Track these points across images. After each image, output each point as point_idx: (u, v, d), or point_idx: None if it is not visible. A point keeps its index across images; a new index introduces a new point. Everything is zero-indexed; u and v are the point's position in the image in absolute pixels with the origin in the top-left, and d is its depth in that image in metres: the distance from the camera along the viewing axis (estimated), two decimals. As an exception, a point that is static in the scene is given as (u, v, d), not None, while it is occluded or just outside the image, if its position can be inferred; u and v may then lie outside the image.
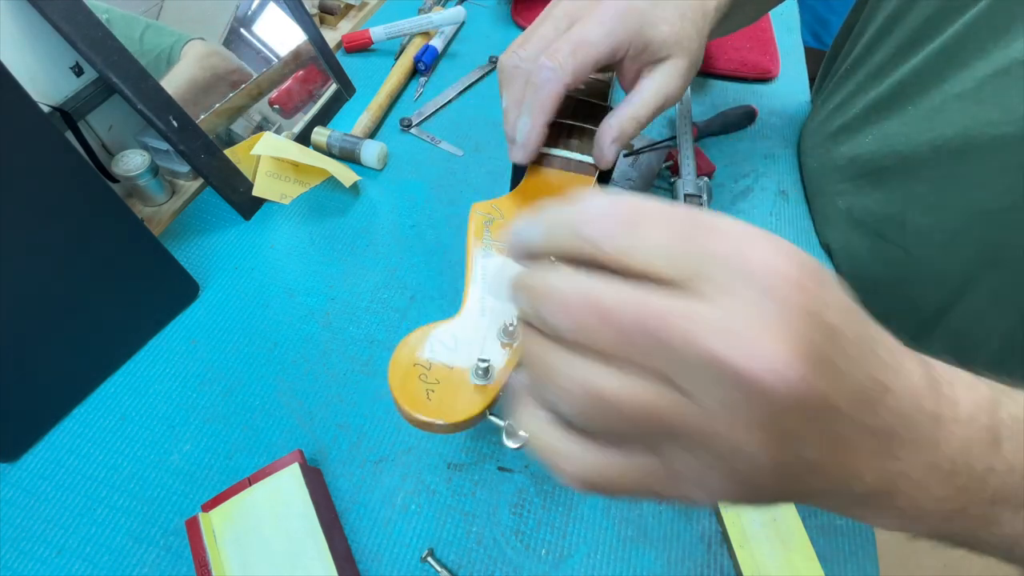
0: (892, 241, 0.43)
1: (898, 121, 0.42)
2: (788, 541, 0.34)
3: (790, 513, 0.35)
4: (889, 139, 0.43)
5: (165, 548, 0.32)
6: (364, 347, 0.41)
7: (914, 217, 0.41)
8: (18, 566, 0.31)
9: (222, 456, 0.36)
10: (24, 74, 0.38)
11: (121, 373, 0.39)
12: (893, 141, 0.42)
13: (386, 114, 0.59)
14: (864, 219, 0.46)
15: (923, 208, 0.41)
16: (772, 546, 0.34)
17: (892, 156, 0.42)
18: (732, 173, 0.57)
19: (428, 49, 0.63)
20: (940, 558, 1.00)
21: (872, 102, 0.45)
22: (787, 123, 0.63)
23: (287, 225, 0.48)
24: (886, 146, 0.43)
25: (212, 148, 0.45)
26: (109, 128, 0.46)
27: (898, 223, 0.43)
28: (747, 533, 0.34)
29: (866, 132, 0.45)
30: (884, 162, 0.43)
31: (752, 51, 0.71)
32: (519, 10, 0.74)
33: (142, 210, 0.47)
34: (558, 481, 0.19)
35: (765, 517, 0.35)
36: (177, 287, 0.42)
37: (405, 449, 0.37)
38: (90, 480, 0.34)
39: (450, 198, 0.52)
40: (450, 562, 0.33)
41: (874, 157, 0.44)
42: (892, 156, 0.42)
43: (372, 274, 0.46)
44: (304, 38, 0.55)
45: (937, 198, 0.39)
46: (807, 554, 0.34)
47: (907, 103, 0.41)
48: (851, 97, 0.49)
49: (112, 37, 0.39)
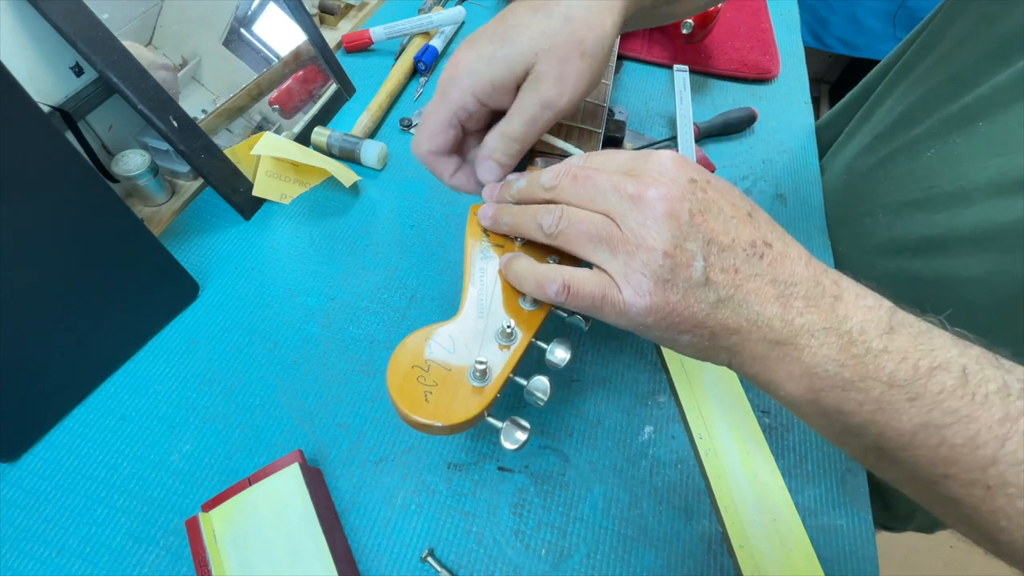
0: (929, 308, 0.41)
1: (965, 142, 0.39)
2: (787, 540, 0.34)
3: (790, 513, 0.35)
4: (953, 161, 0.40)
5: (165, 548, 0.32)
6: (364, 347, 0.41)
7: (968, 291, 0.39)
8: (18, 566, 0.31)
9: (222, 456, 0.36)
10: (24, 74, 0.39)
11: (121, 373, 0.39)
12: (957, 168, 0.39)
13: (386, 114, 0.59)
14: (904, 268, 0.43)
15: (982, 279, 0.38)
16: (772, 545, 0.34)
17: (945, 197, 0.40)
18: (731, 175, 0.57)
19: (428, 49, 0.63)
20: (940, 558, 1.00)
21: (943, 118, 0.41)
22: (786, 127, 0.63)
23: (287, 225, 0.48)
24: (949, 173, 0.40)
25: (212, 148, 0.45)
26: (109, 128, 0.46)
27: (947, 292, 0.40)
28: (747, 533, 0.34)
29: (926, 149, 0.42)
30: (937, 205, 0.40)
31: (752, 51, 0.71)
32: (519, 10, 0.74)
33: (142, 210, 0.47)
34: (548, 293, 0.27)
35: (765, 517, 0.35)
36: (177, 287, 0.42)
37: (405, 449, 0.37)
38: (90, 480, 0.34)
39: (450, 198, 0.52)
40: (450, 562, 0.33)
41: (928, 190, 0.41)
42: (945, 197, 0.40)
43: (372, 274, 0.46)
44: (304, 38, 0.55)
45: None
46: (807, 553, 0.34)
47: (979, 120, 0.38)
48: (909, 115, 0.45)
49: (112, 37, 0.39)
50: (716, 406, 0.39)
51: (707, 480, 0.36)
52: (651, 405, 0.40)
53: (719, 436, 0.38)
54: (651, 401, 0.40)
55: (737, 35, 0.74)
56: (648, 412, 0.40)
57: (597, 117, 0.39)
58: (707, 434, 0.38)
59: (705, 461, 0.37)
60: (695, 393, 0.39)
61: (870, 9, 1.59)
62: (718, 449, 0.37)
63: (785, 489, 0.36)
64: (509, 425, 0.25)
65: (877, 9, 1.59)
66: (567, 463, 0.37)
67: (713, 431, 0.38)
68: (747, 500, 0.36)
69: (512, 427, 0.25)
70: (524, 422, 0.25)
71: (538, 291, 0.27)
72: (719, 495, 0.36)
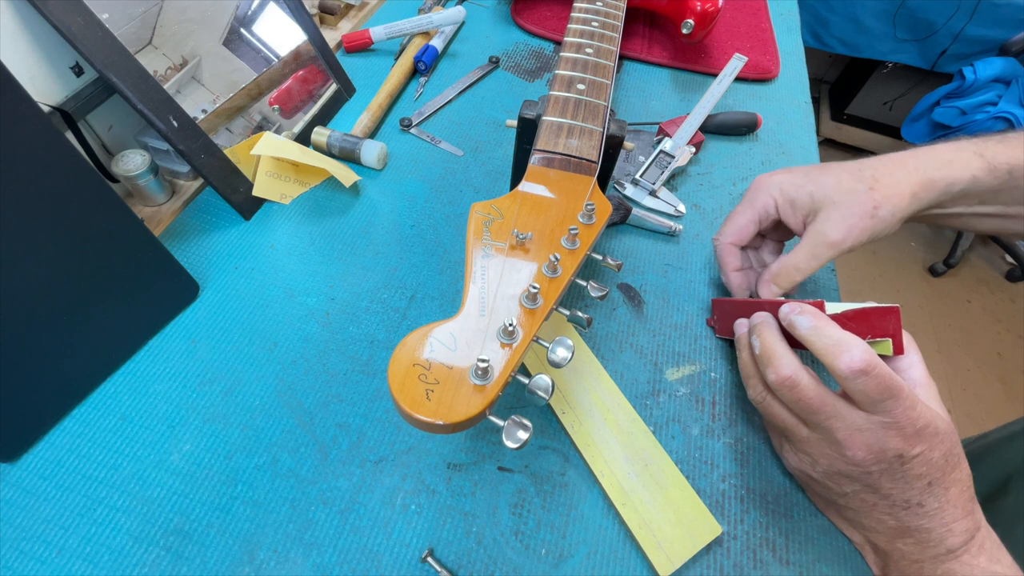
0: None
1: None
2: (662, 481, 0.36)
3: (659, 454, 0.37)
4: None
5: (165, 548, 0.32)
6: (364, 347, 0.41)
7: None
8: (18, 566, 0.31)
9: (222, 456, 0.36)
10: (24, 74, 0.38)
11: (121, 373, 0.39)
12: None
13: (386, 114, 0.59)
14: None
15: None
16: (650, 492, 0.35)
17: None
18: (731, 175, 0.57)
19: (428, 49, 0.63)
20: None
21: None
22: (786, 127, 0.63)
23: (287, 225, 0.48)
24: None
25: (212, 148, 0.45)
26: (109, 128, 0.46)
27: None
28: (625, 489, 0.35)
29: None
30: None
31: (752, 51, 0.71)
32: (519, 10, 0.74)
33: (142, 210, 0.47)
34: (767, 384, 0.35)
35: (638, 466, 0.36)
36: (177, 287, 0.42)
37: (405, 449, 0.37)
38: (90, 480, 0.34)
39: (450, 198, 0.52)
40: (450, 562, 0.33)
41: None
42: None
43: (372, 274, 0.46)
44: (304, 38, 0.55)
45: None
46: (681, 486, 0.36)
47: None
48: None
49: (112, 37, 0.39)
50: (570, 376, 0.40)
51: (580, 453, 0.37)
52: (651, 405, 0.40)
53: (579, 404, 0.38)
54: (651, 401, 0.40)
55: (737, 35, 0.74)
56: (648, 412, 0.40)
57: (599, 116, 0.39)
58: (568, 408, 0.38)
59: (574, 436, 0.37)
60: (545, 367, 0.39)
61: (870, 9, 1.59)
62: (581, 418, 0.38)
63: (648, 432, 0.38)
64: (510, 424, 0.25)
65: (877, 9, 1.59)
66: (567, 463, 0.37)
67: (572, 401, 0.39)
68: (617, 456, 0.36)
69: (513, 426, 0.25)
70: (526, 421, 0.25)
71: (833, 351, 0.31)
72: (593, 463, 0.36)
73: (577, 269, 0.30)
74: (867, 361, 0.29)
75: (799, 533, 0.36)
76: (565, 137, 0.37)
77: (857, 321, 0.32)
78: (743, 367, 0.37)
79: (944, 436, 0.29)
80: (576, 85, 0.41)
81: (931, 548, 0.30)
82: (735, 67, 0.52)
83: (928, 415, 0.29)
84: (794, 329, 0.33)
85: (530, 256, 0.30)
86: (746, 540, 0.35)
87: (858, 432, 0.30)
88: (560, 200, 0.33)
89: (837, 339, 0.30)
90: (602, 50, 0.45)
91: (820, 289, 0.49)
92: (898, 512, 0.31)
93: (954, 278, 1.76)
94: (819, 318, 0.32)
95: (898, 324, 0.32)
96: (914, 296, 1.71)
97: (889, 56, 1.67)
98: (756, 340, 0.35)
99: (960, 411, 1.44)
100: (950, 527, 0.30)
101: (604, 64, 0.44)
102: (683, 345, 0.44)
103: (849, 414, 0.30)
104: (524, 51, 0.69)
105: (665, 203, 0.53)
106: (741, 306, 0.40)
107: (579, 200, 0.33)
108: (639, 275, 0.48)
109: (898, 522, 0.31)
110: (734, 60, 0.52)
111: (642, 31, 0.74)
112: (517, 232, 0.30)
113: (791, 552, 0.35)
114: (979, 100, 1.46)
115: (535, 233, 0.31)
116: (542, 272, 0.29)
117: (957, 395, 1.48)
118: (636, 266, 0.49)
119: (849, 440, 0.30)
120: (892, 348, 0.33)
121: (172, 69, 0.45)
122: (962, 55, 1.55)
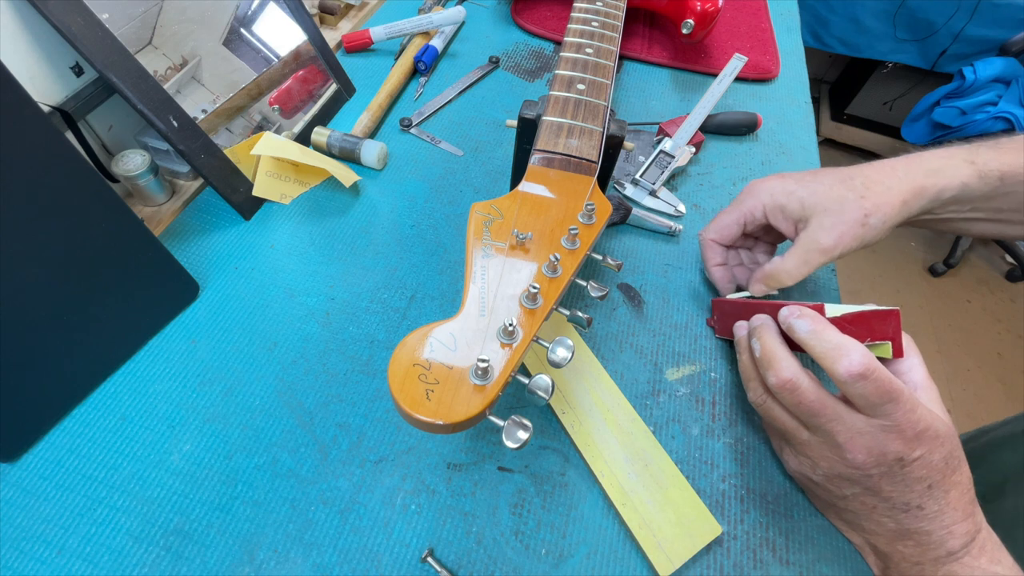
0: None
1: None
2: (662, 481, 0.36)
3: (659, 455, 0.37)
4: None
5: (165, 548, 0.32)
6: (364, 347, 0.41)
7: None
8: (18, 566, 0.31)
9: (222, 456, 0.36)
10: (24, 74, 0.38)
11: (121, 373, 0.39)
12: None
13: (386, 114, 0.59)
14: None
15: None
16: (650, 492, 0.35)
17: None
18: (731, 175, 0.57)
19: (428, 49, 0.63)
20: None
21: None
22: (786, 127, 0.63)
23: (287, 225, 0.48)
24: None
25: (212, 148, 0.45)
26: (109, 128, 0.46)
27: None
28: (625, 489, 0.35)
29: None
30: None
31: (752, 51, 0.71)
32: (519, 10, 0.74)
33: (142, 210, 0.47)
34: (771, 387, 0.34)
35: (638, 466, 0.36)
36: (177, 287, 0.42)
37: (405, 449, 0.37)
38: (90, 480, 0.34)
39: (450, 198, 0.52)
40: (450, 562, 0.33)
41: None
42: None
43: (372, 274, 0.46)
44: (304, 38, 0.55)
45: None
46: (681, 486, 0.35)
47: None
48: None
49: (112, 37, 0.39)
50: (570, 376, 0.40)
51: (580, 453, 0.37)
52: (651, 405, 0.40)
53: (579, 404, 0.38)
54: (651, 401, 0.40)
55: (737, 35, 0.74)
56: (648, 412, 0.40)
57: (599, 116, 0.39)
58: (568, 408, 0.38)
59: (574, 436, 0.37)
60: (546, 368, 0.39)
61: (870, 9, 1.59)
62: (581, 418, 0.38)
63: (648, 432, 0.38)
64: (510, 424, 0.25)
65: (877, 9, 1.59)
66: (567, 463, 0.37)
67: (572, 401, 0.39)
68: (617, 456, 0.36)
69: (513, 426, 0.25)
70: (526, 421, 0.25)
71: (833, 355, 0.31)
72: (593, 463, 0.36)
73: (577, 269, 0.30)
74: (866, 365, 0.29)
75: (799, 533, 0.36)
76: (565, 137, 0.37)
77: (857, 324, 0.32)
78: (743, 370, 0.37)
79: (944, 439, 0.29)
80: (576, 85, 0.41)
81: (931, 550, 0.30)
82: (735, 67, 0.52)
83: (928, 418, 0.29)
84: (793, 332, 0.33)
85: (530, 256, 0.30)
86: (746, 540, 0.35)
87: (858, 435, 0.30)
88: (560, 200, 0.33)
89: (836, 343, 0.30)
90: (602, 50, 0.45)
91: (820, 289, 0.49)
92: (898, 515, 0.31)
93: (954, 278, 1.76)
94: (818, 322, 0.32)
95: (898, 327, 0.32)
96: (914, 296, 1.71)
97: (889, 56, 1.67)
98: (756, 343, 0.35)
99: (960, 411, 1.45)
100: (950, 529, 0.30)
101: (604, 64, 0.44)
102: (683, 345, 0.44)
103: (849, 417, 0.30)
104: (524, 51, 0.69)
105: (665, 203, 0.53)
106: (741, 307, 0.40)
107: (579, 200, 0.33)
108: (639, 275, 0.48)
109: (898, 525, 0.31)
110: (734, 60, 0.52)
111: (642, 31, 0.74)
112: (517, 232, 0.30)
113: (791, 552, 0.35)
114: (979, 100, 1.46)
115: (535, 233, 0.31)
116: (542, 272, 0.29)
117: (957, 395, 1.48)
118: (636, 266, 0.49)
119: (849, 443, 0.30)
120: (892, 351, 0.33)
121: (172, 69, 0.45)
122: (962, 55, 1.55)
